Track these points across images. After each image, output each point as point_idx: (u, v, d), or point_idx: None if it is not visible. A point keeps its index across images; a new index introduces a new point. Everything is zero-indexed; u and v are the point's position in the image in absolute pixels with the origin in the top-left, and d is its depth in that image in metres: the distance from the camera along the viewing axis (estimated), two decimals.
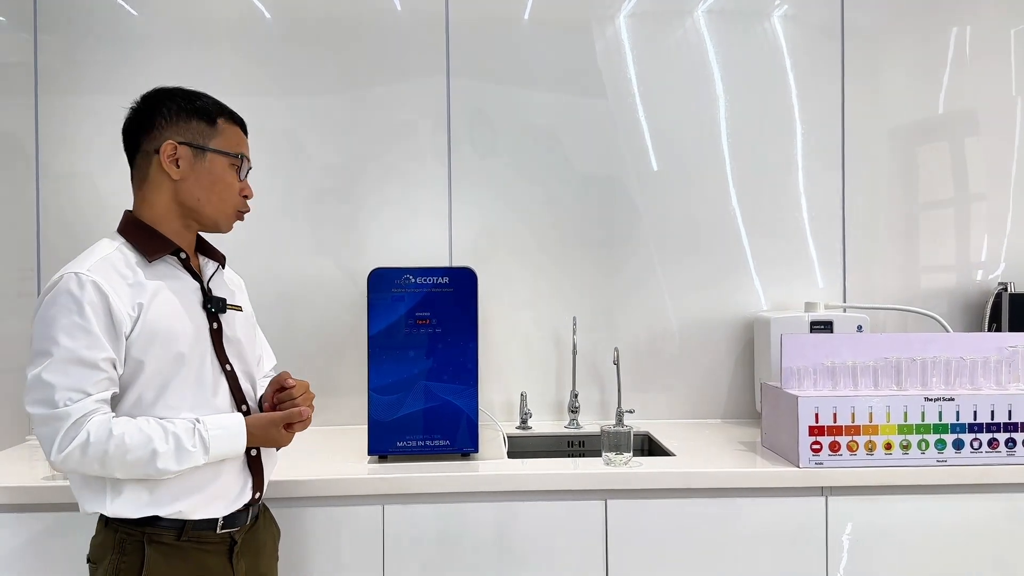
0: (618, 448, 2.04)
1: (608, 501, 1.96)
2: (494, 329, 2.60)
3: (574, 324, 2.53)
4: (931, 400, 2.02)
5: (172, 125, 1.54)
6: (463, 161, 2.60)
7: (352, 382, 2.48)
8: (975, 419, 2.01)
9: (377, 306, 2.06)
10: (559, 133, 2.62)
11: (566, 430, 2.52)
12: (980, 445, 2.01)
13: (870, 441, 2.01)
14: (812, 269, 2.66)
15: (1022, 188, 2.69)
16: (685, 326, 2.65)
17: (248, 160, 1.63)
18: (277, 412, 1.58)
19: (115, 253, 1.50)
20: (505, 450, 2.20)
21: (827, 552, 1.98)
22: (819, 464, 2.00)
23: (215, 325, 1.58)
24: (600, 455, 2.06)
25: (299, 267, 2.56)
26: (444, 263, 2.58)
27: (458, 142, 2.60)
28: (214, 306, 1.59)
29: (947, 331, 2.42)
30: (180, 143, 1.53)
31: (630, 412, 2.52)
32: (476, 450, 2.08)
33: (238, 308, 1.66)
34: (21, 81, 2.51)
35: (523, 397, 2.54)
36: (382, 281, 2.07)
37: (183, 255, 1.57)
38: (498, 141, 2.61)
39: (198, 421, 1.48)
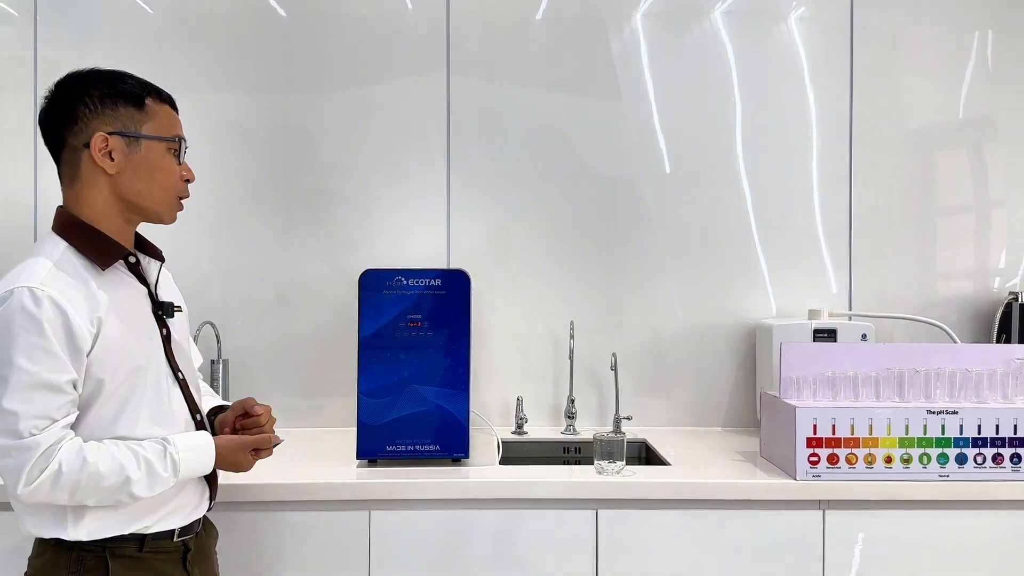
0: (611, 456, 2.00)
1: (599, 511, 1.92)
2: (492, 331, 2.56)
3: (571, 328, 2.49)
4: (934, 413, 1.96)
5: (98, 114, 1.40)
6: (465, 160, 2.57)
7: (343, 384, 2.45)
8: (979, 433, 1.95)
9: (368, 308, 2.03)
10: (569, 133, 2.58)
11: (562, 436, 2.48)
12: (984, 460, 1.95)
13: (870, 454, 1.95)
14: (826, 275, 2.61)
15: None
16: (688, 331, 2.60)
17: (184, 141, 1.49)
18: (248, 436, 1.54)
19: (63, 260, 1.37)
20: (498, 456, 2.17)
21: (824, 568, 1.93)
22: (817, 477, 1.95)
23: (164, 331, 1.49)
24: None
25: (292, 266, 2.53)
26: (442, 264, 2.54)
27: (462, 142, 2.57)
28: (164, 312, 1.50)
29: (954, 341, 2.36)
30: (110, 133, 1.40)
31: (628, 419, 2.48)
32: (467, 455, 2.05)
33: (179, 309, 1.56)
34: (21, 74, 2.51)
35: (519, 401, 2.51)
36: (374, 282, 2.04)
37: (132, 259, 1.47)
38: (506, 141, 2.57)
39: (168, 442, 1.41)
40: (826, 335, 2.42)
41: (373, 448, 2.02)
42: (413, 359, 2.03)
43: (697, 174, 2.59)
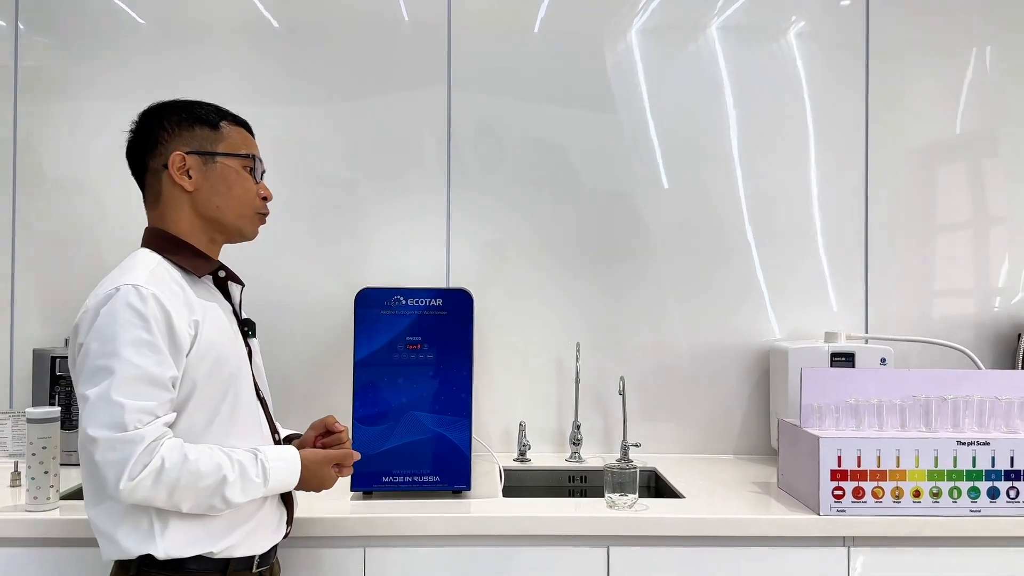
0: (622, 489, 1.88)
1: (611, 548, 1.79)
2: (493, 353, 2.45)
3: (577, 349, 2.37)
4: (964, 444, 1.85)
5: (176, 137, 1.47)
6: (464, 176, 2.46)
7: (338, 409, 2.25)
8: (1012, 465, 1.84)
9: (364, 329, 1.91)
10: (567, 148, 2.48)
11: (567, 464, 2.35)
12: (1017, 494, 1.84)
13: (897, 488, 1.84)
14: (827, 295, 2.50)
15: None
16: (696, 353, 2.49)
17: (260, 161, 1.55)
18: (332, 450, 1.54)
19: (159, 268, 1.41)
20: (500, 487, 2.04)
21: None
22: (841, 512, 1.83)
23: (248, 349, 1.53)
24: (603, 494, 1.90)
25: (286, 284, 2.41)
26: (440, 283, 2.43)
27: (461, 157, 2.46)
28: (249, 330, 1.56)
29: (978, 367, 2.26)
30: (188, 153, 1.46)
31: (636, 446, 2.36)
32: (468, 488, 1.92)
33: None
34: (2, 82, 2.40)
35: (521, 427, 2.38)
36: (370, 301, 1.92)
37: (221, 274, 1.52)
38: (504, 156, 2.47)
39: (258, 450, 1.42)
40: (844, 359, 2.31)
41: (368, 479, 1.89)
42: (412, 384, 1.91)
43: (696, 189, 2.49)
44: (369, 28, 2.45)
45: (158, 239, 1.47)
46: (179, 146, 1.46)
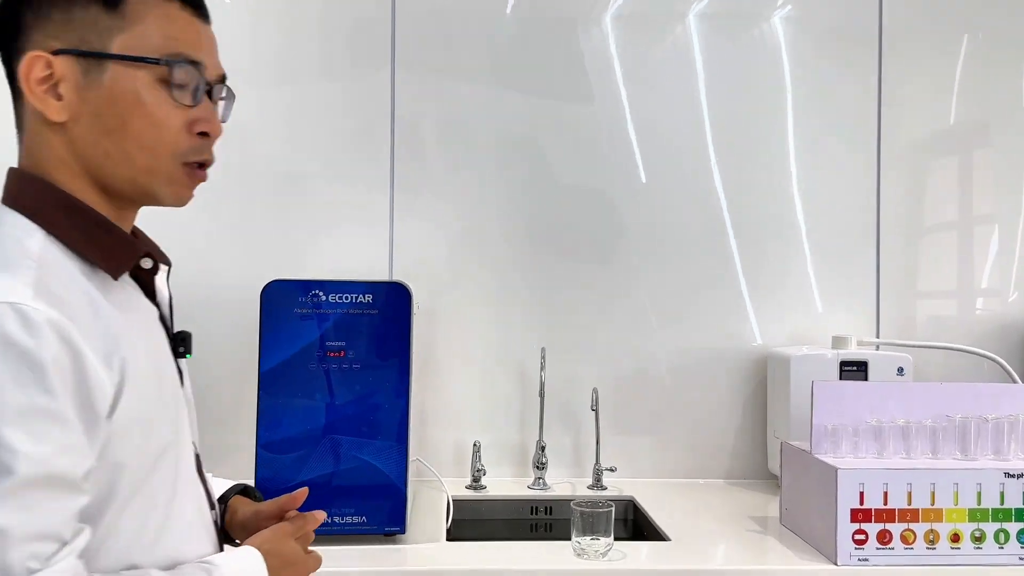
0: (593, 530, 1.52)
1: None
2: (443, 360, 2.08)
3: (543, 357, 2.00)
4: (1012, 476, 1.51)
5: (43, 21, 0.83)
6: (415, 163, 2.09)
7: (241, 433, 1.83)
8: None
9: (272, 332, 1.53)
10: (537, 138, 2.11)
11: (529, 491, 1.99)
12: None
13: (931, 530, 1.49)
14: (811, 295, 2.16)
15: None
16: (681, 360, 2.13)
17: (202, 67, 0.87)
18: (282, 523, 0.99)
19: (48, 256, 0.80)
20: (445, 526, 1.67)
21: None
22: (864, 561, 1.48)
23: (181, 379, 0.94)
24: (570, 530, 1.53)
25: (198, 277, 2.01)
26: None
27: (414, 143, 2.09)
28: (188, 350, 0.96)
29: (1014, 380, 1.92)
30: (57, 53, 0.82)
31: (611, 470, 2.00)
32: (403, 530, 1.54)
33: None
34: None
35: (476, 448, 2.01)
36: (280, 297, 1.54)
37: (147, 263, 0.91)
38: (468, 144, 2.10)
39: (211, 567, 0.87)
40: (855, 368, 1.97)
41: None
42: (333, 401, 1.53)
43: (676, 183, 2.14)
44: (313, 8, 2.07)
45: (36, 195, 0.84)
46: (44, 39, 0.82)
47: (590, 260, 2.12)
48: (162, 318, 0.93)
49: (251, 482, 1.52)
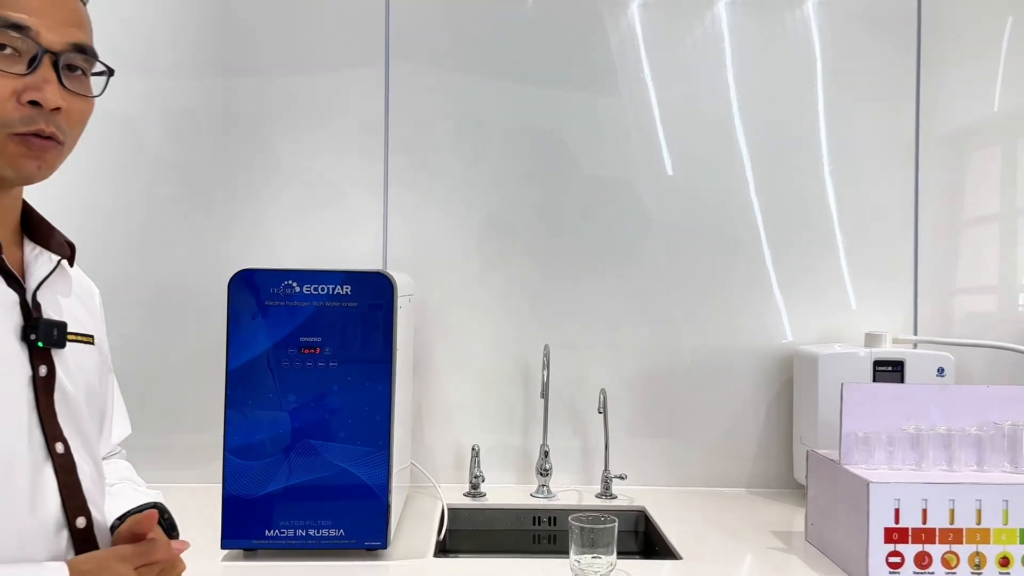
0: (594, 547, 1.37)
1: None
2: (442, 359, 1.94)
3: (546, 354, 1.85)
4: None
5: None
6: (416, 156, 1.95)
7: (207, 437, 1.74)
8: None
9: (242, 327, 1.39)
10: (552, 129, 1.97)
11: (532, 500, 1.84)
12: None
13: (977, 553, 1.32)
14: (844, 290, 1.99)
15: None
16: (699, 358, 1.97)
17: (34, 31, 0.80)
18: (133, 545, 0.87)
19: None
20: (435, 539, 1.53)
21: None
22: None
23: (43, 370, 0.86)
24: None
25: (162, 272, 1.90)
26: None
27: (417, 136, 1.95)
28: (43, 337, 0.86)
29: None
30: None
31: (621, 478, 1.85)
32: (384, 545, 1.40)
33: (88, 339, 0.93)
34: None
35: (475, 452, 1.87)
36: (251, 289, 1.40)
37: None
38: (480, 133, 1.97)
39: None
40: (890, 368, 1.79)
41: (246, 533, 1.38)
42: (308, 402, 1.39)
43: (702, 175, 1.99)
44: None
45: None
46: None
47: (603, 253, 1.97)
48: (23, 303, 0.84)
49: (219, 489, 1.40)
